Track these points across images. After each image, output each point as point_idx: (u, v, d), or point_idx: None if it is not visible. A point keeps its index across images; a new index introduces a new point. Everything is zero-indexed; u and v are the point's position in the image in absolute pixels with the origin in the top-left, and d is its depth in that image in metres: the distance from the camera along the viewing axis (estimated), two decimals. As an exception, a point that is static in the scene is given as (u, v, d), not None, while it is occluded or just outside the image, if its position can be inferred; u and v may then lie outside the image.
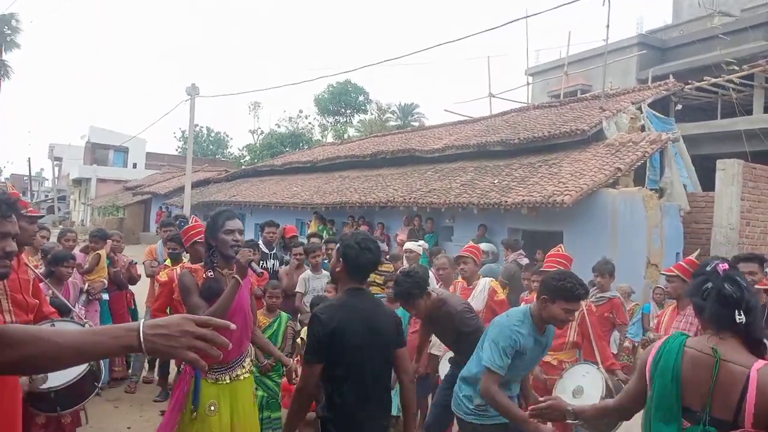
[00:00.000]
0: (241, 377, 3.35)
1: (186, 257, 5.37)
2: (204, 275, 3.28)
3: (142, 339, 1.34)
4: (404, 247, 7.90)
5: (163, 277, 4.97)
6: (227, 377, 3.29)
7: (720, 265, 2.16)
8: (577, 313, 4.67)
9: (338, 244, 3.01)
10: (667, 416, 2.12)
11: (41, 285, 4.58)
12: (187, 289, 3.26)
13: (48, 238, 6.44)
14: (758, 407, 1.95)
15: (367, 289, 3.04)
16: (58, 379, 3.24)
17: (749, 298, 2.07)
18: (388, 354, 2.93)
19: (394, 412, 4.92)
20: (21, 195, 4.36)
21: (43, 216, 8.81)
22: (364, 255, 2.87)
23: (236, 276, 3.18)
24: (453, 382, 3.90)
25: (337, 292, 3.37)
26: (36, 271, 4.33)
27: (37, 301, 3.56)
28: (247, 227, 19.66)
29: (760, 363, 2.01)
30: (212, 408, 3.20)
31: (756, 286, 3.83)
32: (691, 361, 2.10)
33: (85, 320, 4.18)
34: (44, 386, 3.22)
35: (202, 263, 3.43)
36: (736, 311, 2.05)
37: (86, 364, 3.23)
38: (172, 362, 5.54)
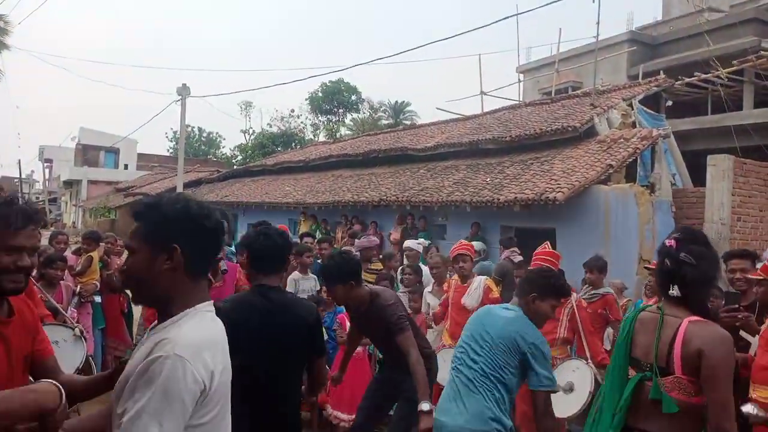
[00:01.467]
0: None
1: None
2: None
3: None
4: (404, 246, 7.92)
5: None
6: None
7: (668, 241, 2.31)
8: (567, 309, 4.70)
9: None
10: (616, 365, 2.41)
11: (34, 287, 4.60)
12: None
13: (39, 241, 6.38)
14: (683, 354, 2.16)
15: (279, 287, 2.84)
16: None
17: (686, 273, 2.22)
18: (294, 360, 2.70)
19: None
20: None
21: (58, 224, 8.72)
22: (263, 241, 2.76)
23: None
24: (384, 383, 3.90)
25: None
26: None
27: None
28: (240, 227, 19.61)
29: (694, 318, 2.21)
30: None
31: (748, 276, 3.85)
32: (642, 320, 2.39)
33: (76, 324, 4.16)
34: None
35: None
36: (671, 285, 2.26)
37: (79, 362, 3.22)
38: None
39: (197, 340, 1.47)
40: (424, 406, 3.24)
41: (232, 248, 7.35)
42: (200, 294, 1.63)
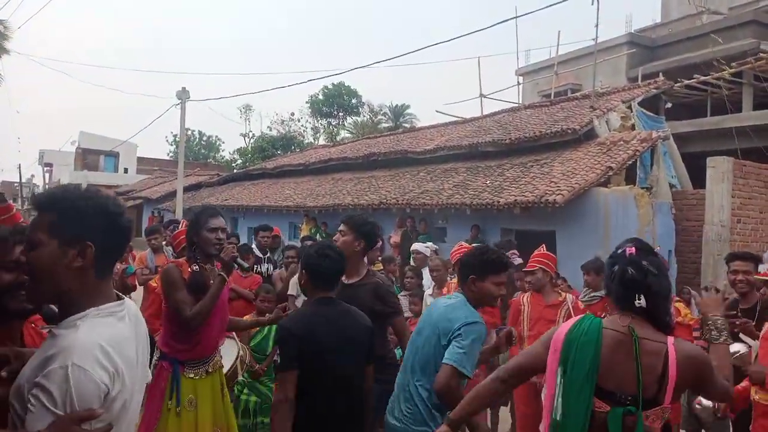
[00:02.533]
0: (211, 371, 3.42)
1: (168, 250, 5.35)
2: (189, 269, 3.30)
3: None
4: (412, 248, 7.93)
5: (155, 283, 4.92)
6: (203, 371, 3.35)
7: (627, 248, 2.16)
8: (563, 311, 4.68)
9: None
10: (578, 395, 2.07)
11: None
12: (173, 284, 3.24)
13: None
14: (678, 380, 1.99)
15: (336, 299, 2.95)
16: None
17: (652, 283, 2.07)
18: (361, 363, 2.87)
19: None
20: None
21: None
22: (323, 262, 2.87)
23: (222, 273, 3.27)
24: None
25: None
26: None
27: None
28: (240, 231, 19.60)
29: (671, 338, 2.07)
30: (191, 403, 3.26)
31: (750, 278, 3.84)
32: (610, 342, 2.07)
33: None
34: None
35: (185, 258, 3.45)
36: (637, 295, 2.07)
37: None
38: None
39: (95, 343, 1.42)
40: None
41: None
42: (106, 293, 1.56)
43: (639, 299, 2.06)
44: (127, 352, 1.51)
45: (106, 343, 1.44)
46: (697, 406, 3.30)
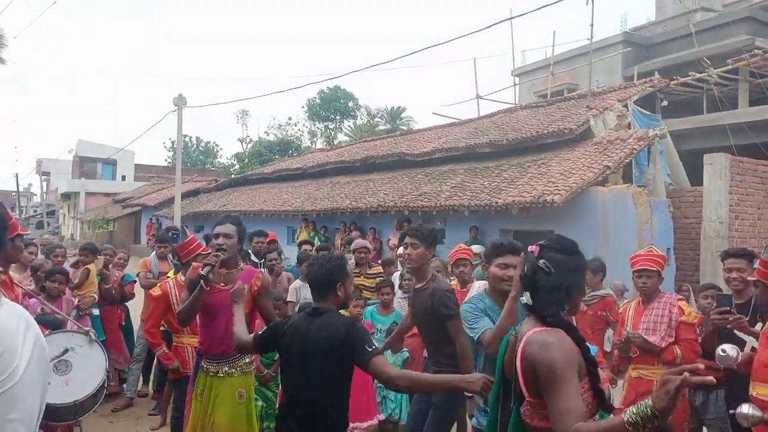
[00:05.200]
0: (220, 374, 3.51)
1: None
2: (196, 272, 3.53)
3: None
4: (399, 252, 7.87)
5: (156, 291, 4.88)
6: (220, 370, 3.51)
7: (531, 246, 2.20)
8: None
9: None
10: (494, 393, 2.25)
11: (31, 301, 4.59)
12: (186, 283, 3.61)
13: (36, 254, 6.36)
14: (523, 371, 1.98)
15: (324, 308, 2.80)
16: (78, 389, 3.50)
17: (538, 280, 2.08)
18: (326, 377, 2.70)
19: (386, 413, 4.92)
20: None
21: (28, 233, 8.73)
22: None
23: (204, 275, 3.37)
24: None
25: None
26: (24, 287, 4.29)
27: None
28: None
29: (538, 328, 2.02)
30: (201, 395, 3.51)
31: (744, 276, 3.84)
32: (512, 341, 2.16)
33: (86, 328, 4.12)
34: (69, 400, 3.46)
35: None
36: (524, 292, 2.13)
37: (104, 371, 3.39)
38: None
39: None
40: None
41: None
42: None
43: (523, 295, 2.13)
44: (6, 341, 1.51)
45: None
46: (720, 353, 3.27)
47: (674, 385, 1.58)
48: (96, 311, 6.12)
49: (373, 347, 2.67)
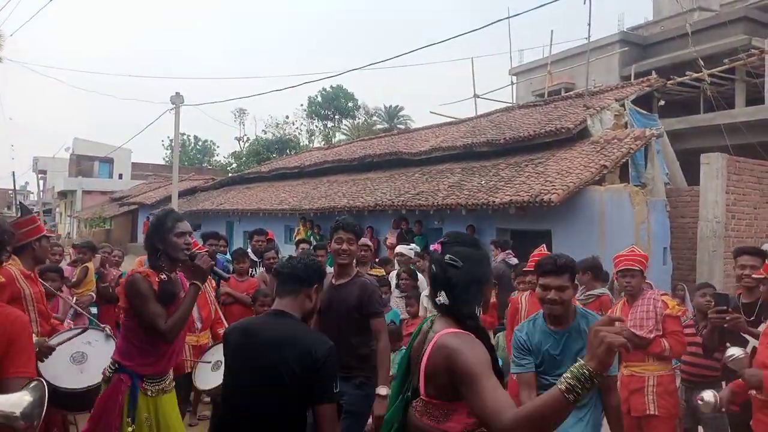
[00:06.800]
0: (167, 389, 3.20)
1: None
2: (157, 279, 3.09)
3: None
4: (395, 251, 7.88)
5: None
6: (161, 389, 3.14)
7: (432, 245, 2.19)
8: None
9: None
10: (393, 392, 2.22)
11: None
12: (143, 296, 3.00)
13: (61, 255, 6.37)
14: (427, 369, 1.95)
15: (284, 312, 2.51)
16: (90, 378, 3.51)
17: (452, 277, 2.03)
18: (281, 391, 2.33)
19: None
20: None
21: (54, 234, 8.74)
22: (284, 263, 2.74)
23: (196, 282, 3.12)
24: None
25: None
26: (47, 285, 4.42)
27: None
28: (236, 235, 19.59)
29: (451, 330, 1.98)
30: (147, 423, 3.05)
31: (753, 276, 3.85)
32: (421, 339, 2.13)
33: (103, 325, 4.14)
34: (82, 386, 3.50)
35: (149, 266, 3.19)
36: (438, 292, 2.06)
37: (102, 375, 3.27)
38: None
39: None
40: (382, 390, 3.31)
41: (228, 256, 7.34)
42: None
43: (439, 295, 2.05)
44: None
45: None
46: (699, 402, 3.29)
47: (606, 336, 1.53)
48: (93, 310, 6.13)
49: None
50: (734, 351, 3.26)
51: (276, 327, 2.45)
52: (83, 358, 3.66)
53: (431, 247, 2.17)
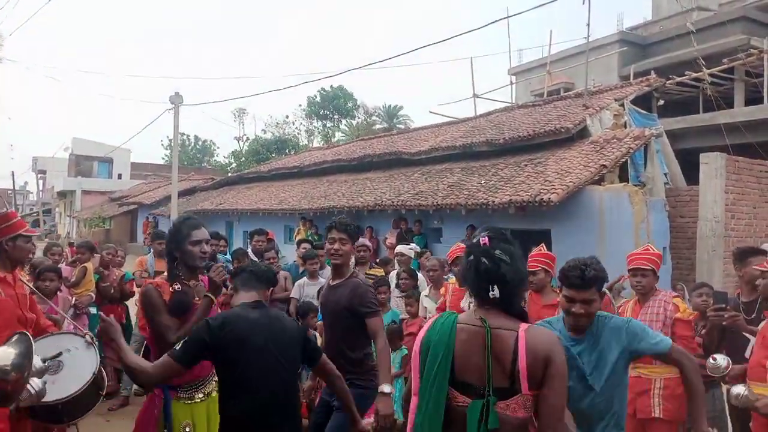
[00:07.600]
0: (213, 393, 3.15)
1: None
2: (171, 289, 3.08)
3: None
4: (396, 251, 7.88)
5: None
6: (200, 394, 3.13)
7: (482, 238, 2.12)
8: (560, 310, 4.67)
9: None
10: (434, 391, 2.07)
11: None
12: (153, 308, 3.01)
13: (34, 253, 6.35)
14: (529, 367, 1.96)
15: (264, 303, 2.80)
16: (61, 391, 3.19)
17: (505, 272, 2.04)
18: (293, 367, 2.74)
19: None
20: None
21: (38, 234, 8.73)
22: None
23: (209, 294, 3.10)
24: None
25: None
26: (30, 285, 4.29)
27: (34, 315, 3.54)
28: (236, 235, 19.59)
29: (526, 325, 2.04)
30: (187, 429, 3.03)
31: (755, 267, 3.82)
32: (464, 336, 2.07)
33: (85, 331, 4.09)
34: (51, 399, 3.12)
35: (166, 275, 3.19)
36: (490, 286, 2.05)
37: (90, 375, 3.18)
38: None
39: None
40: (385, 388, 3.28)
41: (228, 256, 7.34)
42: None
43: (493, 290, 2.04)
44: None
45: None
46: (711, 361, 3.28)
47: None
48: (93, 310, 6.11)
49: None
50: (717, 357, 3.28)
51: (267, 313, 2.75)
52: (59, 368, 3.34)
53: (480, 240, 2.11)
